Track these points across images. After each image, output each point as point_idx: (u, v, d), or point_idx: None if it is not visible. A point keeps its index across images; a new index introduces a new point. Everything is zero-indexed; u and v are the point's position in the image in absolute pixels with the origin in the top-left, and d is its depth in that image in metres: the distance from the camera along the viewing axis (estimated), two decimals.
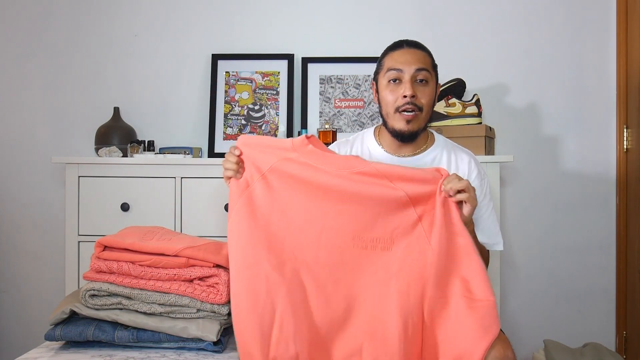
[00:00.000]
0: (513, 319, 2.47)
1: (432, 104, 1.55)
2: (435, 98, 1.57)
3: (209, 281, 1.47)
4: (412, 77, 1.50)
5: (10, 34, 2.52)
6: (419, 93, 1.50)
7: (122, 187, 2.12)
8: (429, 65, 1.54)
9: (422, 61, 1.52)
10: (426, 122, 1.55)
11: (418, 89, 1.51)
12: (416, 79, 1.51)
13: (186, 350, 1.46)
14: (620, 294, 2.42)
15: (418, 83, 1.51)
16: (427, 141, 1.62)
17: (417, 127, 1.53)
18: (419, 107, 1.50)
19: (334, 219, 1.32)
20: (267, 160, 1.37)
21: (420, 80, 1.51)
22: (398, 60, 1.52)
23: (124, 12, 2.51)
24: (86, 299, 1.43)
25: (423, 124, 1.54)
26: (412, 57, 1.52)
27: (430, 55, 1.57)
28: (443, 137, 1.67)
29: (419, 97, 1.50)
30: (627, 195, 2.39)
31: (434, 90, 1.55)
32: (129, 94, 2.50)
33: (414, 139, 1.56)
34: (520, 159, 2.42)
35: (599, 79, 2.45)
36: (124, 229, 1.65)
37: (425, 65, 1.52)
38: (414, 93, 1.49)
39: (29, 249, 2.50)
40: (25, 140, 2.52)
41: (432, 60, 1.57)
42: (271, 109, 2.44)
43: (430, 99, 1.53)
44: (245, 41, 2.50)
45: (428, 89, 1.52)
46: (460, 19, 2.48)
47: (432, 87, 1.54)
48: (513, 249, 2.47)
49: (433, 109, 1.58)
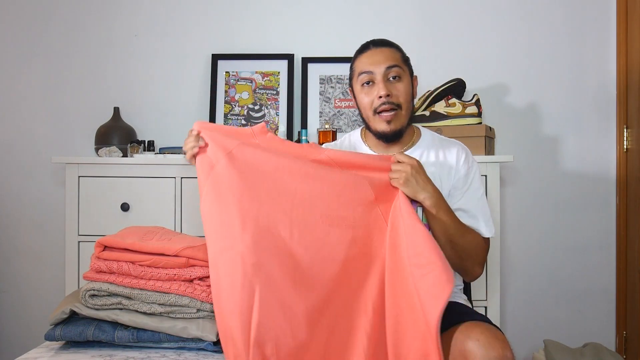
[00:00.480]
0: (513, 319, 2.47)
1: (411, 98, 1.55)
2: (412, 91, 1.56)
3: (209, 281, 1.46)
4: (384, 76, 1.50)
5: (10, 34, 2.52)
6: (393, 91, 1.50)
7: (122, 187, 2.12)
8: (399, 61, 1.53)
9: (392, 58, 1.52)
10: (408, 118, 1.55)
11: (392, 86, 1.51)
12: (388, 77, 1.51)
13: (186, 350, 1.45)
14: (620, 294, 2.42)
15: (391, 81, 1.51)
16: (414, 137, 1.61)
17: (400, 126, 1.53)
18: (396, 105, 1.51)
19: (302, 197, 1.33)
20: (231, 141, 1.37)
21: (393, 77, 1.51)
22: (367, 62, 1.52)
23: (124, 12, 2.51)
24: (86, 299, 1.43)
25: (405, 121, 1.54)
26: (381, 56, 1.52)
27: (400, 50, 1.56)
28: (430, 131, 1.65)
29: (395, 94, 1.50)
30: (627, 195, 2.39)
31: (409, 84, 1.55)
32: (129, 94, 2.50)
33: (399, 137, 1.55)
34: (520, 159, 2.42)
35: (599, 79, 2.45)
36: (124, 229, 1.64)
37: (395, 62, 1.51)
38: (388, 92, 1.49)
39: (29, 249, 2.50)
40: (25, 140, 2.52)
41: (403, 54, 1.56)
42: (271, 109, 2.44)
43: (407, 94, 1.53)
44: (245, 41, 2.50)
45: (402, 85, 1.52)
46: (460, 19, 2.48)
47: (407, 82, 1.53)
48: (513, 249, 2.47)
49: (413, 103, 1.58)
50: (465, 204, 1.52)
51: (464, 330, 1.25)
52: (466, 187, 1.53)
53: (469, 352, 1.21)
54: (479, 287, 2.06)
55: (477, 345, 1.20)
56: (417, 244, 1.29)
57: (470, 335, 1.23)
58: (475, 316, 1.33)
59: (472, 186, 1.54)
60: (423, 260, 1.26)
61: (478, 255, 1.50)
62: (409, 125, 1.58)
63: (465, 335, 1.24)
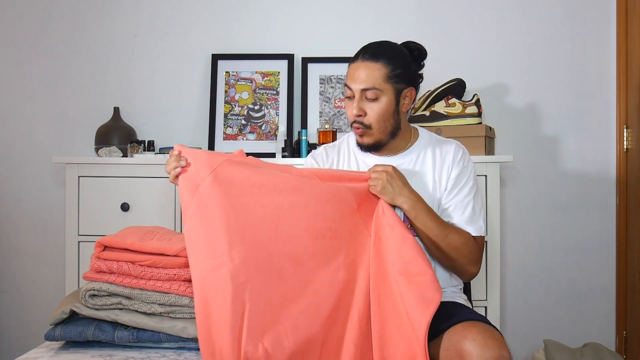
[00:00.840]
0: (513, 319, 2.47)
1: (390, 115, 1.51)
2: (396, 108, 1.52)
3: None
4: (361, 96, 1.50)
5: (10, 34, 2.52)
6: (367, 110, 1.50)
7: (122, 187, 2.12)
8: (381, 80, 1.48)
9: (371, 79, 1.48)
10: (385, 134, 1.53)
11: (366, 106, 1.50)
12: (364, 97, 1.50)
13: (186, 350, 1.45)
14: (620, 294, 2.42)
15: (367, 100, 1.50)
16: (411, 138, 1.60)
17: (373, 141, 1.53)
18: (365, 126, 1.51)
19: (287, 211, 1.34)
20: (214, 160, 1.35)
21: (368, 99, 1.49)
22: (349, 76, 1.52)
23: (124, 12, 2.51)
24: (86, 299, 1.43)
25: (380, 137, 1.53)
26: (362, 73, 1.48)
27: (389, 64, 1.49)
28: (428, 132, 1.64)
29: (368, 114, 1.50)
30: (627, 195, 2.39)
31: (389, 103, 1.50)
32: (129, 94, 2.50)
33: (379, 148, 1.56)
34: (520, 159, 2.42)
35: (599, 79, 2.45)
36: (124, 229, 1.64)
37: (372, 85, 1.47)
38: (359, 112, 1.50)
39: (29, 249, 2.50)
40: (25, 140, 2.52)
41: (392, 68, 1.49)
42: (271, 109, 2.44)
43: (380, 115, 1.50)
44: (245, 41, 2.50)
45: (377, 106, 1.49)
46: (461, 19, 2.48)
47: (385, 102, 1.49)
48: (513, 248, 2.47)
49: (397, 117, 1.53)
50: (458, 202, 1.52)
51: (460, 330, 1.25)
52: (460, 185, 1.53)
53: (465, 352, 1.21)
54: (478, 287, 2.06)
55: (474, 345, 1.20)
56: (406, 252, 1.33)
57: (467, 335, 1.23)
58: (472, 316, 1.33)
59: (466, 184, 1.54)
60: (413, 269, 1.31)
61: (468, 254, 1.48)
62: (395, 136, 1.56)
63: (462, 335, 1.24)
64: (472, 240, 1.50)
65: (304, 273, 1.31)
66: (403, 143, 1.59)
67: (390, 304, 1.30)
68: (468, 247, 1.48)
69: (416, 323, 1.24)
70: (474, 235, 1.50)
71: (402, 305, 1.28)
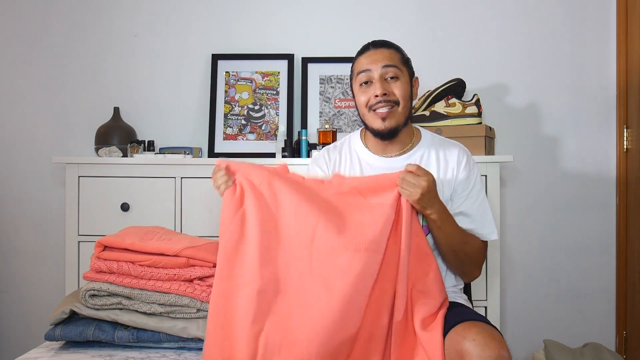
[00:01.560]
0: (513, 319, 2.47)
1: (409, 97, 1.56)
2: (411, 91, 1.57)
3: (209, 281, 1.47)
4: (381, 76, 1.52)
5: (10, 34, 2.52)
6: (390, 88, 1.52)
7: (122, 187, 2.12)
8: (398, 61, 1.54)
9: (389, 58, 1.53)
10: (405, 116, 1.55)
11: (389, 85, 1.52)
12: (385, 77, 1.52)
13: (186, 350, 1.46)
14: (620, 294, 2.42)
15: (388, 80, 1.53)
16: (413, 139, 1.61)
17: (396, 123, 1.53)
18: (393, 102, 1.52)
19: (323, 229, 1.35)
20: (259, 174, 1.42)
21: (391, 77, 1.53)
22: (365, 61, 1.54)
23: (124, 12, 2.51)
24: (86, 299, 1.44)
25: (402, 119, 1.54)
26: (379, 56, 1.53)
27: (400, 52, 1.57)
28: (430, 132, 1.65)
29: (392, 91, 1.52)
30: (627, 195, 2.39)
31: (408, 84, 1.56)
32: (129, 94, 2.50)
33: (395, 135, 1.55)
34: (520, 159, 2.42)
35: (599, 79, 2.45)
36: (124, 229, 1.65)
37: (392, 62, 1.53)
38: (385, 91, 1.51)
39: (29, 249, 2.50)
40: (25, 140, 2.52)
41: (403, 55, 1.57)
42: (271, 109, 2.44)
43: (405, 92, 1.53)
44: (245, 41, 2.50)
45: (400, 83, 1.53)
46: (461, 18, 2.48)
47: (405, 82, 1.54)
48: (513, 249, 2.47)
49: (412, 103, 1.58)
50: (467, 208, 1.53)
51: (460, 330, 1.26)
52: (468, 191, 1.54)
53: (465, 352, 1.21)
54: (479, 287, 2.06)
55: (474, 345, 1.21)
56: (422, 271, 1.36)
57: (466, 335, 1.23)
58: (472, 316, 1.33)
59: (473, 189, 1.54)
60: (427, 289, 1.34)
61: (477, 259, 1.53)
62: (407, 125, 1.58)
63: (461, 335, 1.24)
64: (483, 247, 1.54)
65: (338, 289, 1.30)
66: (408, 140, 1.60)
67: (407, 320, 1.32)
68: (478, 253, 1.52)
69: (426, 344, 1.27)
70: (491, 239, 1.54)
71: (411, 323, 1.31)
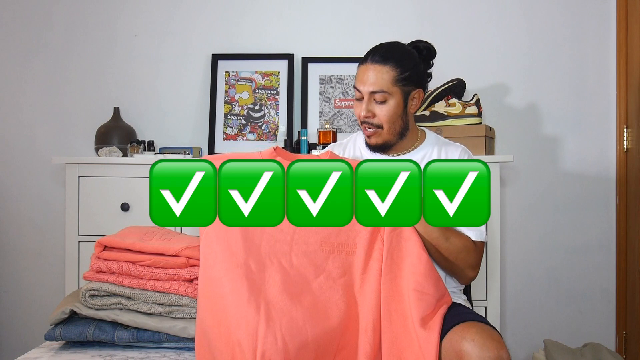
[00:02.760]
0: (513, 319, 2.47)
1: (399, 115, 1.53)
2: (405, 109, 1.54)
3: None
4: (369, 98, 1.52)
5: (11, 34, 2.52)
6: (376, 111, 1.52)
7: (122, 187, 2.12)
8: (390, 83, 1.50)
9: (379, 82, 1.49)
10: (395, 133, 1.55)
11: (375, 107, 1.52)
12: (373, 99, 1.52)
13: (186, 350, 1.45)
14: (620, 294, 2.42)
15: (376, 102, 1.52)
16: (418, 139, 1.62)
17: (382, 142, 1.55)
18: (376, 126, 1.53)
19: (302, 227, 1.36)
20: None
21: (378, 102, 1.52)
22: (359, 78, 1.53)
23: (124, 13, 2.51)
24: (86, 299, 1.43)
25: (390, 137, 1.55)
26: (371, 75, 1.50)
27: (398, 67, 1.50)
28: (435, 134, 1.66)
29: (377, 115, 1.52)
30: (627, 195, 2.39)
31: (400, 104, 1.52)
32: (129, 94, 2.50)
33: (388, 148, 1.57)
34: (520, 159, 2.42)
35: (599, 79, 2.45)
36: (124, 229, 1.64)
37: (380, 87, 1.49)
38: (368, 114, 1.52)
39: (29, 249, 2.50)
40: (25, 140, 2.52)
41: (401, 71, 1.51)
42: (271, 109, 2.44)
43: (392, 114, 1.52)
44: (245, 41, 2.50)
45: (386, 108, 1.51)
46: (461, 18, 2.48)
47: (394, 104, 1.51)
48: (513, 249, 2.47)
49: (406, 117, 1.56)
50: None
51: (459, 330, 1.25)
52: None
53: (464, 353, 1.21)
54: (479, 287, 2.06)
55: (473, 345, 1.20)
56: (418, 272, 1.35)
57: (465, 335, 1.23)
58: (471, 316, 1.33)
59: None
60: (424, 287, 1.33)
61: (467, 258, 1.49)
62: (404, 136, 1.58)
63: (460, 335, 1.24)
64: (472, 245, 1.51)
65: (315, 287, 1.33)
66: (410, 143, 1.61)
67: (401, 320, 1.32)
68: (468, 252, 1.49)
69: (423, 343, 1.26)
70: (474, 239, 1.51)
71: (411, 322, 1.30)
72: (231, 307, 1.28)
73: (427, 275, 1.34)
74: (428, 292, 1.33)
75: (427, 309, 1.31)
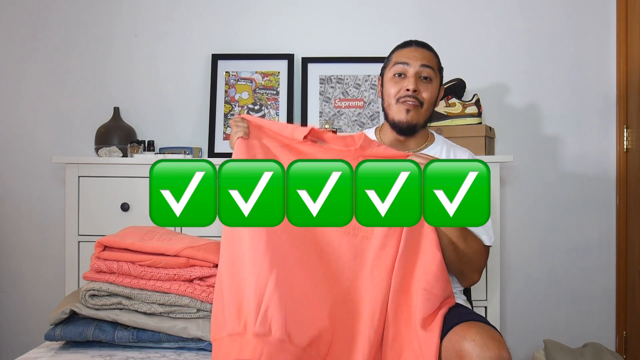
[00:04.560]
0: (513, 319, 2.47)
1: (434, 101, 1.61)
2: (437, 98, 1.63)
3: (209, 281, 1.47)
4: (417, 73, 1.57)
5: (10, 34, 2.52)
6: (421, 88, 1.57)
7: (122, 187, 2.12)
8: (435, 65, 1.60)
9: (429, 59, 1.59)
10: (426, 118, 1.61)
11: (421, 84, 1.57)
12: (420, 75, 1.57)
13: (186, 350, 1.46)
14: (620, 294, 2.42)
15: (422, 80, 1.57)
16: (428, 140, 1.67)
17: (417, 120, 1.58)
18: (420, 101, 1.57)
19: None
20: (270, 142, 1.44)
21: (424, 78, 1.57)
22: (406, 55, 1.59)
23: (124, 13, 2.51)
24: (86, 299, 1.44)
25: (422, 120, 1.59)
26: (420, 54, 1.59)
27: (437, 57, 1.63)
28: (443, 137, 1.71)
29: (421, 91, 1.57)
30: (627, 195, 2.39)
31: (437, 90, 1.61)
32: (129, 94, 2.50)
33: (413, 132, 1.60)
34: (520, 159, 2.42)
35: (599, 79, 2.45)
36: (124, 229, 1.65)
37: (430, 63, 1.58)
38: (416, 88, 1.55)
39: (29, 249, 2.50)
40: (25, 140, 2.52)
41: (439, 62, 1.63)
42: (271, 109, 2.44)
43: (432, 96, 1.59)
44: (245, 41, 2.50)
45: (431, 86, 1.58)
46: (461, 18, 2.48)
47: (435, 86, 1.60)
48: (513, 249, 2.47)
49: (434, 108, 1.63)
50: None
51: (460, 330, 1.25)
52: None
53: (464, 353, 1.21)
54: (479, 287, 2.06)
55: (473, 345, 1.20)
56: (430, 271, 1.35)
57: (466, 335, 1.23)
58: (472, 316, 1.33)
59: None
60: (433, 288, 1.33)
61: (478, 261, 1.51)
62: (424, 128, 1.64)
63: (461, 335, 1.24)
64: (483, 249, 1.53)
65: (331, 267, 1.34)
66: (421, 140, 1.65)
67: (405, 316, 1.32)
68: (479, 255, 1.51)
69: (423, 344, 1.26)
70: (486, 244, 1.54)
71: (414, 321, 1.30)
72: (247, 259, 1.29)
73: (437, 276, 1.34)
74: (436, 293, 1.33)
75: (431, 310, 1.31)
